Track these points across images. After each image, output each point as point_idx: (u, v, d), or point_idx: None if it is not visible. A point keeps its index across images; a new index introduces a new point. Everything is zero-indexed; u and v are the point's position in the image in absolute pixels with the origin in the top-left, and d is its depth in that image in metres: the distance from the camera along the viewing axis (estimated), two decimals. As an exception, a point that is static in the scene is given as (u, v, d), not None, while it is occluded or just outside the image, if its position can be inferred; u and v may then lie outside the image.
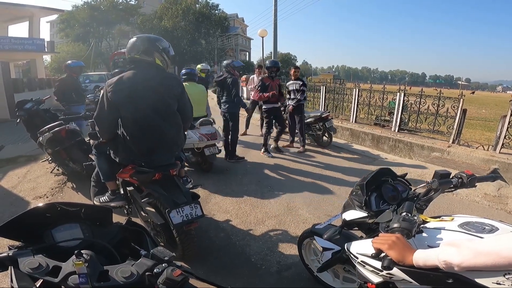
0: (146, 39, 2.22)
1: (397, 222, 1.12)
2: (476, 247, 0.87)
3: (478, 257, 0.85)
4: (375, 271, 1.27)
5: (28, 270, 0.87)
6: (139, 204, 2.30)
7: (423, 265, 0.96)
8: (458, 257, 0.88)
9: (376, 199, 1.53)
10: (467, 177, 1.39)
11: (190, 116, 2.47)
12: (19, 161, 4.96)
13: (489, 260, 0.83)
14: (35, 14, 16.15)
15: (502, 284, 0.95)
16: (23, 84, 11.45)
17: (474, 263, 0.86)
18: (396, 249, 1.02)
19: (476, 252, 0.86)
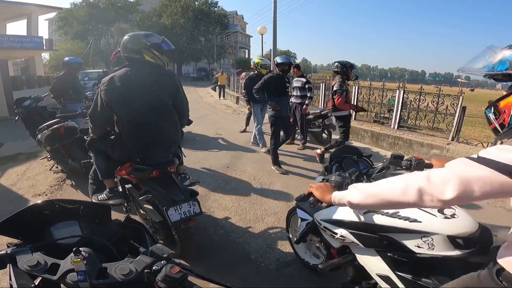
0: (132, 37, 2.19)
1: (333, 176, 1.39)
2: (367, 190, 1.04)
3: (368, 199, 1.03)
4: (332, 235, 1.56)
5: (26, 267, 0.87)
6: (138, 202, 2.30)
7: (338, 203, 1.15)
8: (357, 198, 1.05)
9: (337, 169, 1.82)
10: (415, 161, 1.59)
11: (186, 113, 2.46)
12: (18, 158, 4.96)
13: (374, 201, 1.01)
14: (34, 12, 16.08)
15: (422, 247, 1.26)
16: (22, 81, 11.44)
17: (366, 203, 1.04)
18: (321, 190, 1.24)
19: (367, 194, 1.03)
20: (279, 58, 4.42)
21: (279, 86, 4.30)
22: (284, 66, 4.33)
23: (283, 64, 4.32)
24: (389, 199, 0.97)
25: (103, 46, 37.00)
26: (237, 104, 12.89)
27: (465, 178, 0.83)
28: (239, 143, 6.01)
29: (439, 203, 0.87)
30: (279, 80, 4.33)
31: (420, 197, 0.89)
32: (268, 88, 4.27)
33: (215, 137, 6.63)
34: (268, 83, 4.30)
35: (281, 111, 4.26)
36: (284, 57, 4.44)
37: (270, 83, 4.29)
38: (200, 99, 15.45)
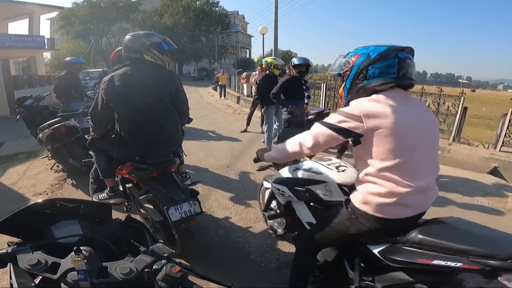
0: (133, 36, 2.20)
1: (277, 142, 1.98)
2: (279, 148, 1.67)
3: (279, 153, 1.64)
4: (280, 194, 2.05)
5: (27, 266, 0.87)
6: (138, 201, 2.30)
7: (268, 159, 1.75)
8: (274, 154, 1.67)
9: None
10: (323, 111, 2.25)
11: (186, 112, 2.46)
12: (19, 157, 4.97)
13: (282, 154, 1.61)
14: (35, 11, 16.14)
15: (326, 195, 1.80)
16: (23, 81, 11.45)
17: (279, 156, 1.66)
18: (260, 152, 1.81)
19: (278, 150, 1.65)
20: (296, 59, 4.21)
21: (297, 89, 4.13)
22: (301, 68, 4.14)
23: (300, 65, 4.13)
24: (289, 152, 1.52)
25: (105, 45, 37.04)
26: (237, 104, 12.89)
27: (315, 134, 1.39)
28: (240, 143, 6.01)
29: (307, 150, 1.43)
30: (296, 83, 4.16)
31: (300, 147, 1.45)
32: (286, 91, 4.08)
33: (215, 137, 6.63)
34: (286, 86, 4.09)
35: (298, 115, 4.12)
36: (302, 58, 4.21)
37: (288, 86, 4.09)
38: (201, 99, 15.46)
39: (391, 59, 1.29)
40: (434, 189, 1.37)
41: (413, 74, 1.34)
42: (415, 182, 1.26)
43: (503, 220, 3.09)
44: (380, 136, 1.23)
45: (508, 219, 3.12)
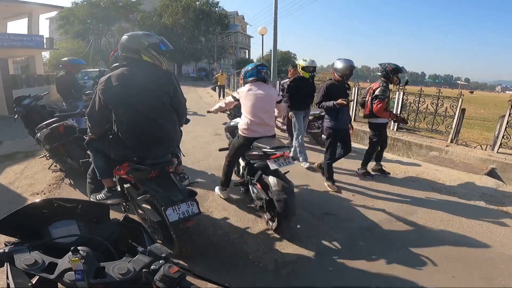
0: (132, 37, 2.19)
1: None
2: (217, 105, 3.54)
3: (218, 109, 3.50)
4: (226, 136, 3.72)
5: (24, 266, 0.86)
6: (136, 202, 2.29)
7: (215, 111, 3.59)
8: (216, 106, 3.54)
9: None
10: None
11: (184, 112, 2.46)
12: (17, 157, 4.95)
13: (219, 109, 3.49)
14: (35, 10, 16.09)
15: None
16: (22, 80, 11.43)
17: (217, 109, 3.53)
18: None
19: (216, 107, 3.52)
20: (340, 62, 3.73)
21: (341, 94, 3.70)
22: (345, 71, 3.70)
23: (344, 68, 3.69)
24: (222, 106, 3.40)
25: (104, 45, 36.99)
26: (237, 104, 12.88)
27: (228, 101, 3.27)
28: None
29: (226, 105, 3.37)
30: (340, 87, 3.79)
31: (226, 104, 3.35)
32: (329, 97, 3.70)
33: (214, 137, 6.62)
34: (329, 91, 3.72)
35: (341, 122, 3.75)
36: (345, 60, 3.74)
37: (331, 91, 3.71)
38: (199, 99, 15.46)
39: (255, 69, 3.03)
40: (270, 125, 3.03)
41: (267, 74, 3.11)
42: (255, 119, 2.89)
43: (500, 221, 3.10)
44: (243, 100, 2.98)
45: (505, 220, 3.14)
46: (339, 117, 3.71)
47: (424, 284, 2.14)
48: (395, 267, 2.32)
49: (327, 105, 3.68)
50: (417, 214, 3.22)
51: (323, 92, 3.76)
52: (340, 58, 3.76)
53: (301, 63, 4.65)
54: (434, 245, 2.65)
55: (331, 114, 3.74)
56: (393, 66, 3.88)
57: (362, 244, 2.64)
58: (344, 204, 3.43)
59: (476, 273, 2.27)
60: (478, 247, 2.65)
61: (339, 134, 3.79)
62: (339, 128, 3.75)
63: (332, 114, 3.73)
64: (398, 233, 2.85)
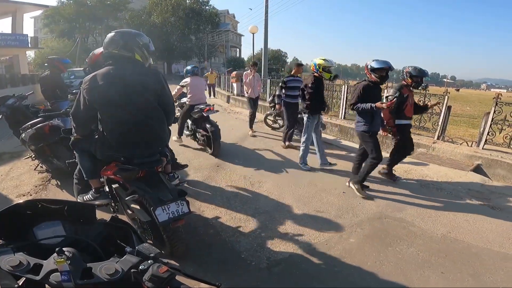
0: (127, 34, 2.17)
1: None
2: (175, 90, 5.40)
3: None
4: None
5: (8, 268, 0.85)
6: (125, 202, 2.26)
7: None
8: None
9: None
10: None
11: (172, 111, 2.43)
12: (2, 158, 4.82)
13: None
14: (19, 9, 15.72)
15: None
16: (6, 80, 11.14)
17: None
18: None
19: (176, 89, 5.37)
20: (375, 62, 3.49)
21: (376, 96, 3.51)
22: (381, 72, 3.47)
23: (381, 69, 3.46)
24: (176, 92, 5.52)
25: (91, 44, 36.31)
26: (227, 103, 12.86)
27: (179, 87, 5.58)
28: (230, 142, 5.99)
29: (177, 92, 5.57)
30: (376, 89, 3.58)
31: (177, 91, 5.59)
32: (365, 99, 3.45)
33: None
34: (365, 93, 3.47)
35: (376, 125, 3.60)
36: (382, 61, 3.49)
37: (366, 93, 3.47)
38: (190, 99, 15.32)
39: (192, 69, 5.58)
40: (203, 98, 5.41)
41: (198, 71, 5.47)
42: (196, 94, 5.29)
43: (487, 217, 3.18)
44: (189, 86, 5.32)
45: (491, 216, 3.22)
46: (375, 120, 3.54)
47: (413, 280, 2.18)
48: (385, 264, 2.35)
49: (364, 107, 3.41)
50: (405, 210, 3.27)
51: (359, 93, 3.49)
52: (377, 59, 3.54)
53: (322, 63, 4.30)
54: (423, 241, 2.70)
55: (366, 117, 3.52)
56: (410, 69, 3.84)
57: (352, 241, 2.67)
58: (335, 201, 3.46)
59: (464, 269, 2.32)
60: (466, 243, 2.70)
61: (376, 136, 3.62)
62: (375, 131, 3.60)
63: (367, 117, 3.52)
64: (388, 230, 2.89)
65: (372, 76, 3.52)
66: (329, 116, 7.37)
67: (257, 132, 6.95)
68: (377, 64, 3.48)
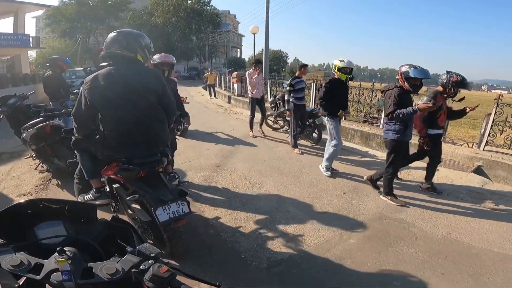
0: (130, 34, 2.18)
1: None
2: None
3: None
4: None
5: (9, 267, 0.85)
6: (125, 202, 2.26)
7: None
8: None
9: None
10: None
11: (173, 111, 2.44)
12: (3, 157, 4.83)
13: None
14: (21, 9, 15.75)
15: None
16: (7, 79, 11.15)
17: None
18: None
19: None
20: (413, 71, 3.19)
21: (407, 103, 3.30)
22: (416, 82, 3.22)
23: (416, 79, 3.21)
24: None
25: (92, 44, 36.40)
26: (228, 103, 12.86)
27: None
28: (230, 143, 5.99)
29: None
30: (407, 95, 3.36)
31: None
32: (400, 106, 3.24)
33: (206, 136, 6.59)
34: (401, 100, 3.25)
35: (408, 134, 3.42)
36: (421, 71, 3.19)
37: (402, 101, 3.26)
38: (190, 98, 15.32)
39: None
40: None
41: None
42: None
43: (487, 218, 3.18)
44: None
45: (491, 217, 3.21)
46: (408, 129, 3.36)
47: (414, 281, 2.18)
48: (385, 264, 2.35)
49: (405, 112, 3.16)
50: (406, 211, 3.27)
51: (396, 100, 3.24)
52: (415, 66, 3.23)
53: (338, 64, 4.15)
54: (423, 242, 2.69)
55: (401, 125, 3.31)
56: (459, 79, 3.51)
57: (352, 241, 2.67)
58: (335, 201, 3.46)
59: (464, 270, 2.32)
60: (466, 244, 2.70)
61: (404, 147, 3.46)
62: (405, 141, 3.42)
63: (401, 125, 3.32)
64: (388, 230, 2.88)
65: (405, 84, 3.27)
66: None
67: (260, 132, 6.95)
68: (415, 74, 3.18)
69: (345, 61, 4.15)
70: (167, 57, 3.49)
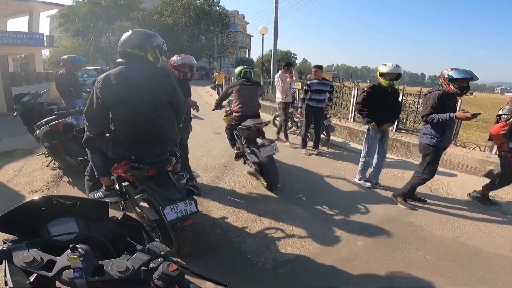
0: (141, 34, 2.21)
1: None
2: None
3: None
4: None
5: (22, 264, 0.86)
6: (134, 200, 2.29)
7: None
8: None
9: None
10: None
11: (182, 111, 2.45)
12: (15, 154, 4.94)
13: None
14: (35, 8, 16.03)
15: None
16: (21, 78, 11.39)
17: None
18: None
19: None
20: (455, 72, 3.03)
21: (451, 107, 3.13)
22: (462, 83, 3.04)
23: (461, 79, 3.02)
24: None
25: (104, 43, 36.91)
26: (236, 103, 12.88)
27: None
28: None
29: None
30: (452, 100, 3.17)
31: None
32: (438, 111, 3.08)
33: (213, 136, 6.62)
34: (441, 103, 3.07)
35: (446, 139, 3.22)
36: (463, 70, 3.04)
37: (442, 104, 3.07)
38: (199, 98, 15.38)
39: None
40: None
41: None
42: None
43: (498, 222, 3.12)
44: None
45: (502, 221, 3.15)
46: (446, 133, 3.16)
47: (421, 284, 2.15)
48: (392, 267, 2.33)
49: (441, 118, 3.02)
50: (414, 214, 3.23)
51: (434, 103, 3.09)
52: (457, 68, 3.07)
53: (380, 69, 3.67)
54: (431, 245, 2.66)
55: (437, 129, 3.13)
56: None
57: (359, 244, 2.65)
58: (343, 204, 3.44)
59: (472, 274, 2.29)
60: (475, 247, 2.66)
61: (440, 153, 3.26)
62: (442, 147, 3.23)
63: (438, 129, 3.13)
64: (396, 233, 2.85)
65: (450, 87, 3.08)
66: (339, 118, 7.33)
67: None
68: (457, 74, 3.03)
69: (388, 65, 3.61)
70: (188, 59, 3.37)
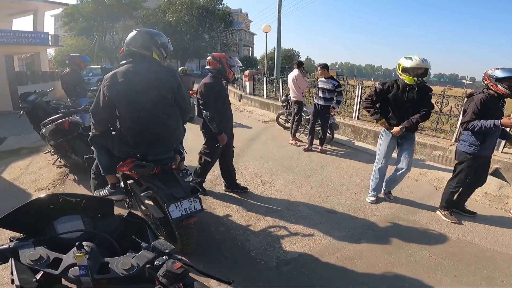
0: (146, 33, 2.23)
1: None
2: None
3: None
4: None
5: (28, 262, 0.87)
6: (139, 198, 2.31)
7: None
8: None
9: None
10: None
11: (188, 109, 2.46)
12: (22, 152, 5.00)
13: None
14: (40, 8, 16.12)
15: None
16: (27, 76, 11.50)
17: None
18: None
19: None
20: (502, 71, 2.72)
21: (497, 111, 2.82)
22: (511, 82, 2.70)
23: (510, 78, 2.70)
24: None
25: (108, 42, 37.10)
26: (239, 101, 12.90)
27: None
28: (242, 141, 6.01)
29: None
30: (497, 102, 2.83)
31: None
32: (481, 116, 2.77)
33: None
34: (485, 107, 2.76)
35: (487, 147, 2.89)
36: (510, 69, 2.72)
37: (486, 108, 2.76)
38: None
39: None
40: None
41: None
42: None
43: (503, 222, 3.09)
44: None
45: (508, 221, 3.12)
46: (487, 141, 2.85)
47: (425, 283, 2.14)
48: (397, 266, 2.32)
49: (484, 125, 2.71)
50: (419, 213, 3.21)
51: (477, 108, 2.77)
52: (503, 68, 2.77)
53: (403, 63, 3.05)
54: (436, 244, 2.64)
55: (477, 136, 2.84)
56: None
57: (363, 242, 2.64)
58: (347, 202, 3.42)
59: (478, 273, 2.27)
60: (480, 246, 2.64)
61: (479, 162, 2.94)
62: (482, 155, 2.92)
63: (478, 137, 2.84)
64: (400, 232, 2.84)
65: (498, 88, 2.74)
66: (343, 116, 7.29)
67: (267, 132, 6.92)
68: (505, 73, 2.72)
69: (415, 59, 3.00)
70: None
